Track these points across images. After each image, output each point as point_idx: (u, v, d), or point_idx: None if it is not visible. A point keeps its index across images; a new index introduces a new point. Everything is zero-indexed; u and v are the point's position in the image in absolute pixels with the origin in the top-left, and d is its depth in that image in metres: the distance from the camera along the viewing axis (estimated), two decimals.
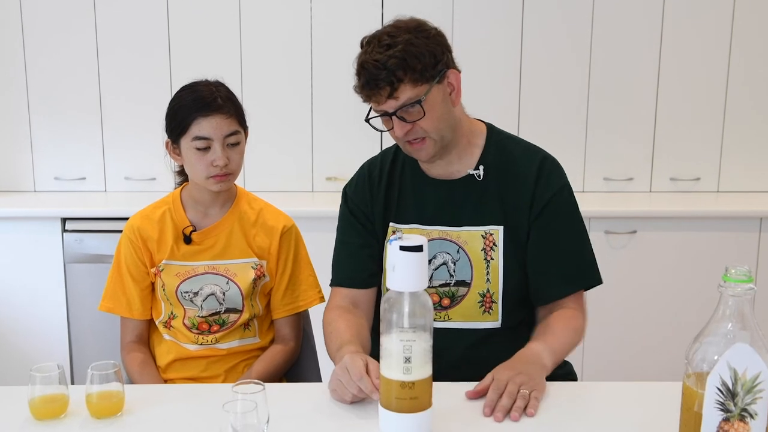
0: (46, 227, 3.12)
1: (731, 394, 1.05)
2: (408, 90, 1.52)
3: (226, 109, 1.73)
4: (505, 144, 1.71)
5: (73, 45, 3.36)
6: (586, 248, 1.69)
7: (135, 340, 1.86)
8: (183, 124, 1.71)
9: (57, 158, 3.46)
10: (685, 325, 3.09)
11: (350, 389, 1.38)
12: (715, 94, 3.40)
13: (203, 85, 1.76)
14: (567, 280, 1.66)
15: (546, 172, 1.66)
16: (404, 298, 1.22)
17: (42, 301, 3.16)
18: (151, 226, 1.81)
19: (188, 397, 1.50)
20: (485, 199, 1.66)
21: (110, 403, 1.38)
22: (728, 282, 1.10)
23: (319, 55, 3.37)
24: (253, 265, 1.81)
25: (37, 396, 1.36)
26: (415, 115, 1.54)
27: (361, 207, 1.74)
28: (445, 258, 1.67)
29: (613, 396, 1.49)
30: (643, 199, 3.39)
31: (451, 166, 1.68)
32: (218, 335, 1.81)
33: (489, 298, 1.66)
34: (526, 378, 1.42)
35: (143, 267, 1.82)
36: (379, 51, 1.52)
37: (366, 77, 1.54)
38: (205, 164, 1.72)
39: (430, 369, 1.25)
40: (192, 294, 1.79)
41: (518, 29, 3.34)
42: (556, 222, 1.65)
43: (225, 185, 1.76)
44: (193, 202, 1.83)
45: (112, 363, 1.39)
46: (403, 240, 1.21)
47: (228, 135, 1.72)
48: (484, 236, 1.65)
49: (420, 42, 1.52)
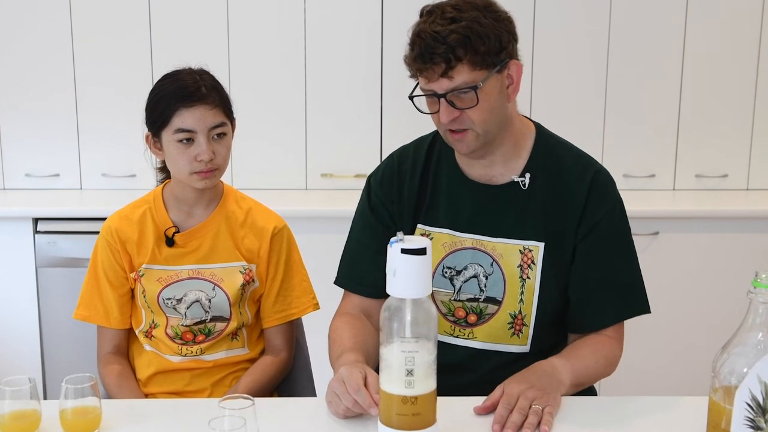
0: (16, 228, 3.11)
1: (762, 410, 1.05)
2: (465, 72, 1.48)
3: (211, 99, 1.72)
4: (556, 150, 1.67)
5: (44, 28, 3.35)
6: (636, 274, 1.65)
7: (113, 351, 1.85)
8: (164, 115, 1.70)
9: (28, 153, 3.45)
10: (712, 335, 3.08)
11: (344, 402, 1.38)
12: (745, 83, 3.40)
13: (186, 74, 1.75)
14: (611, 310, 1.63)
15: (600, 187, 1.62)
16: (406, 305, 1.22)
17: (12, 309, 3.15)
18: (130, 227, 1.81)
19: (171, 413, 1.50)
20: (528, 211, 1.62)
21: (86, 420, 1.38)
22: (758, 288, 1.10)
23: (314, 37, 3.37)
24: (241, 270, 1.81)
25: (6, 412, 1.36)
26: (467, 102, 1.51)
27: (385, 204, 1.71)
28: (477, 270, 1.63)
29: (633, 412, 1.49)
30: (666, 198, 3.39)
31: (493, 168, 1.64)
32: (203, 345, 1.81)
33: (520, 320, 1.63)
34: (539, 392, 1.41)
35: (122, 272, 1.81)
36: (441, 23, 1.48)
37: (421, 48, 1.48)
38: (189, 159, 1.71)
39: (434, 382, 1.25)
40: (175, 301, 1.79)
41: (530, 8, 3.33)
42: (605, 243, 1.62)
43: (210, 182, 1.75)
44: (176, 201, 1.82)
45: (88, 376, 1.39)
46: (404, 242, 1.21)
47: (213, 127, 1.72)
48: (522, 251, 1.62)
49: (488, 23, 1.49)
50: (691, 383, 3.05)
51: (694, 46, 3.37)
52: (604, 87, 3.40)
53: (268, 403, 1.57)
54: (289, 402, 1.65)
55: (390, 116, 3.38)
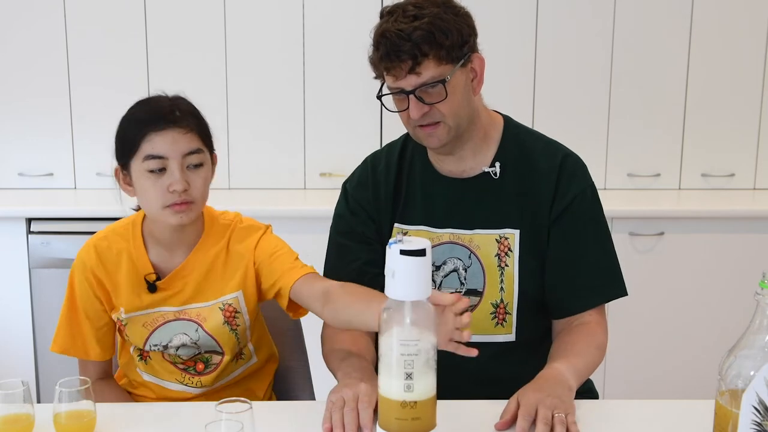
0: (9, 228, 3.11)
1: None
2: (432, 67, 1.53)
3: (186, 123, 1.58)
4: (524, 139, 1.71)
5: (38, 26, 3.35)
6: (611, 256, 1.69)
7: (101, 377, 1.76)
8: (133, 141, 1.57)
9: (21, 152, 3.45)
10: (718, 337, 3.09)
11: (346, 417, 1.38)
12: (751, 80, 3.40)
13: (160, 99, 1.64)
14: (589, 293, 1.66)
15: (569, 170, 1.67)
16: (405, 307, 1.22)
17: (5, 310, 3.15)
18: (105, 268, 1.68)
19: (167, 417, 1.50)
20: (501, 200, 1.67)
21: (80, 424, 1.38)
22: (765, 289, 1.10)
23: (313, 35, 3.37)
24: (220, 306, 1.68)
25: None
26: (435, 96, 1.55)
27: (364, 206, 1.73)
28: (456, 264, 1.67)
29: (637, 415, 1.49)
30: (672, 198, 3.39)
31: (464, 162, 1.69)
32: (203, 378, 1.71)
33: (503, 309, 1.66)
34: (557, 401, 1.40)
35: (100, 305, 1.70)
36: (404, 21, 1.52)
37: (386, 48, 1.53)
38: (160, 191, 1.56)
39: (433, 386, 1.25)
40: (162, 346, 1.69)
41: (533, 7, 3.33)
42: (579, 226, 1.66)
43: (186, 216, 1.58)
44: (155, 241, 1.68)
45: (82, 379, 1.39)
46: (403, 243, 1.21)
47: (187, 154, 1.57)
48: (498, 240, 1.66)
49: (449, 18, 1.54)
50: (697, 386, 3.04)
51: (699, 44, 3.36)
52: (609, 85, 3.40)
53: (266, 406, 1.57)
54: (288, 405, 1.65)
55: (389, 115, 3.36)
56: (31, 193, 3.42)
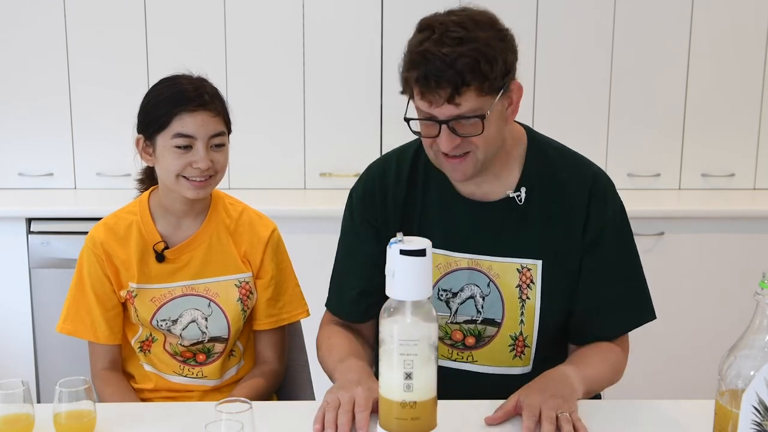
0: (9, 228, 3.11)
1: None
2: (472, 99, 1.41)
3: (213, 107, 1.69)
4: (549, 157, 1.62)
5: (38, 25, 3.35)
6: (642, 280, 1.64)
7: (108, 366, 1.78)
8: (163, 119, 1.66)
9: (21, 152, 3.45)
10: (718, 337, 3.08)
11: (341, 417, 1.37)
12: (751, 80, 3.40)
13: (186, 79, 1.72)
14: (621, 320, 1.62)
15: (599, 194, 1.60)
16: (406, 307, 1.22)
17: (4, 311, 3.15)
18: (116, 240, 1.75)
19: (167, 417, 1.50)
20: (525, 227, 1.58)
21: (80, 424, 1.38)
22: (765, 289, 1.10)
23: (313, 35, 3.36)
24: (236, 283, 1.77)
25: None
26: (470, 129, 1.44)
27: (370, 221, 1.66)
28: (474, 291, 1.60)
29: (639, 415, 1.49)
30: (672, 198, 3.39)
31: (486, 185, 1.59)
32: (205, 369, 1.77)
33: (521, 341, 1.60)
34: (560, 401, 1.39)
35: (109, 284, 1.75)
36: (449, 43, 1.39)
37: (426, 70, 1.39)
38: (182, 164, 1.66)
39: (434, 386, 1.25)
40: (170, 322, 1.73)
41: (534, 7, 3.33)
42: (611, 253, 1.59)
43: (203, 192, 1.70)
44: (163, 211, 1.77)
45: (82, 379, 1.39)
46: (403, 243, 1.21)
47: (213, 135, 1.69)
48: (519, 270, 1.58)
49: (496, 45, 1.42)
50: (697, 386, 3.05)
51: (699, 44, 3.36)
52: (609, 85, 3.40)
53: (266, 406, 1.57)
54: (288, 405, 1.65)
55: (390, 115, 3.38)
56: (31, 193, 3.42)
